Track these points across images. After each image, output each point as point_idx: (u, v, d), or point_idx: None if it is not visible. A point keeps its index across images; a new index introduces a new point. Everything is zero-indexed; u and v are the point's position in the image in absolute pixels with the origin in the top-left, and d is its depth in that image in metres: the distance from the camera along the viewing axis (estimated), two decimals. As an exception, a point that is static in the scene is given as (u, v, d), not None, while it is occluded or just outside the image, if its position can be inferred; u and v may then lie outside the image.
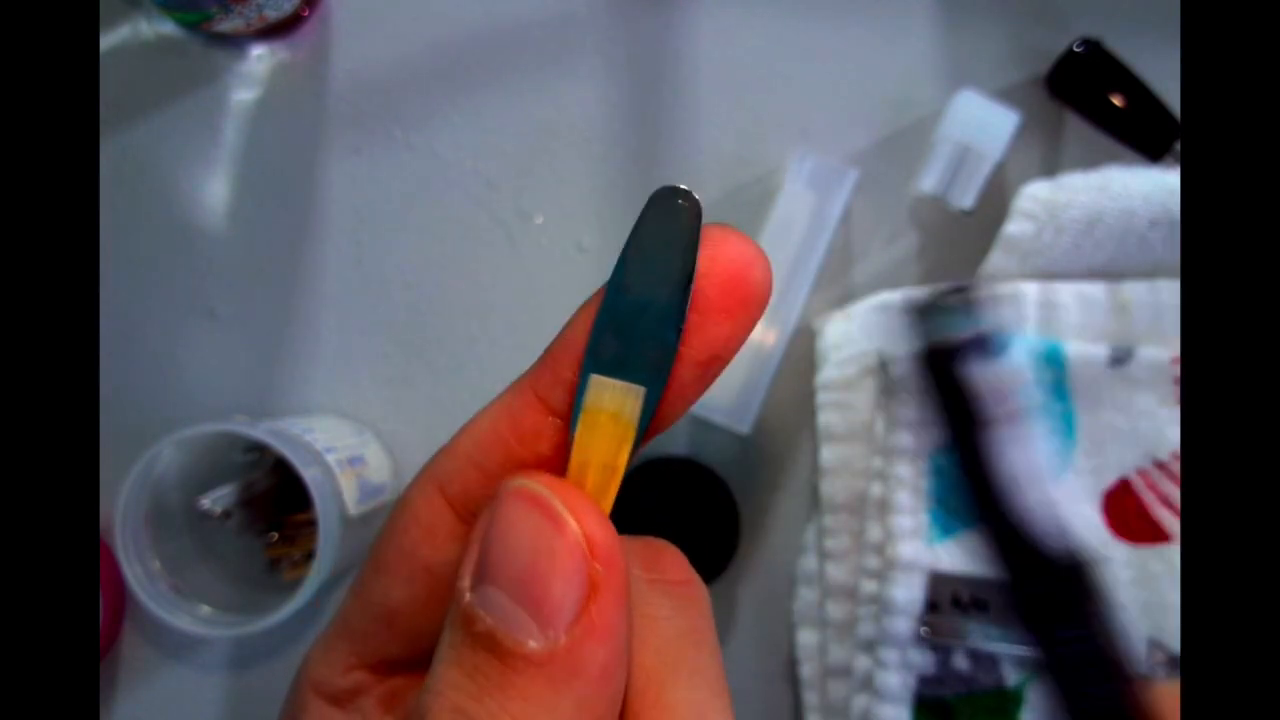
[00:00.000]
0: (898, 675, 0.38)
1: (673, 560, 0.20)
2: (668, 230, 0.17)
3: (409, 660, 0.19)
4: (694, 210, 0.17)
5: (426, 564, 0.18)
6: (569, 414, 0.17)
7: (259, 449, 0.44)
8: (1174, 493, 0.38)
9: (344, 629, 0.19)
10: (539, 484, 0.16)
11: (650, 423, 0.17)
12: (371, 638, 0.19)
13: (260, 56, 0.46)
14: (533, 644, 0.15)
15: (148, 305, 0.45)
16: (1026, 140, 0.44)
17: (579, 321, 0.18)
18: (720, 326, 0.17)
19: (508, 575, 0.16)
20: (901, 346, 0.39)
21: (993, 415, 0.21)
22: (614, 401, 0.17)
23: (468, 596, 0.16)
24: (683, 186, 0.17)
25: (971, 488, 0.18)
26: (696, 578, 0.20)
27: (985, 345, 0.22)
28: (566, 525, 0.16)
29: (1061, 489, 0.38)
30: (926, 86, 0.45)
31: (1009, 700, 0.37)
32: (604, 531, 0.16)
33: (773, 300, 0.42)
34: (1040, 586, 0.18)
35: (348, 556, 0.42)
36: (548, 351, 0.18)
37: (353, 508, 0.40)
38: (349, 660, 0.19)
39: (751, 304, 0.17)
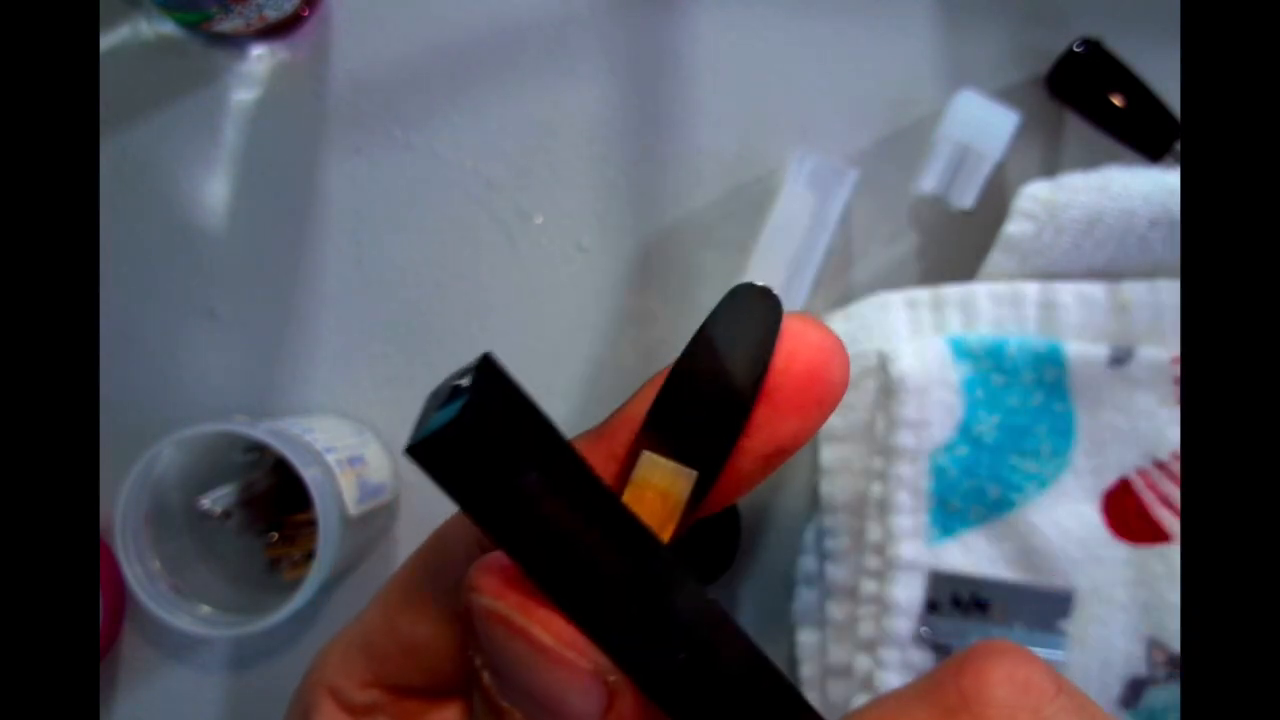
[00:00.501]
0: (898, 675, 0.38)
1: None
2: (744, 328, 0.16)
3: (427, 689, 0.19)
4: (775, 313, 0.16)
5: (457, 611, 0.18)
6: (619, 489, 0.17)
7: (259, 449, 0.44)
8: (1174, 493, 0.38)
9: (365, 645, 0.19)
10: (514, 610, 0.15)
11: (700, 505, 0.17)
12: (392, 663, 0.19)
13: (260, 56, 0.46)
14: None
15: (148, 305, 0.45)
16: (1026, 140, 0.44)
17: (640, 399, 0.17)
18: (789, 422, 0.16)
19: (520, 688, 0.15)
20: None
21: None
22: (663, 480, 0.16)
23: (486, 679, 0.16)
24: (765, 285, 0.16)
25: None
26: None
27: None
28: (563, 658, 0.15)
29: (1061, 489, 0.38)
30: (926, 86, 0.45)
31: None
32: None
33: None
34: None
35: (348, 556, 0.42)
36: (605, 424, 0.18)
37: (353, 508, 0.40)
38: (365, 676, 0.19)
39: (825, 403, 0.17)
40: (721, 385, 0.16)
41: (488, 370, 0.14)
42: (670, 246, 0.45)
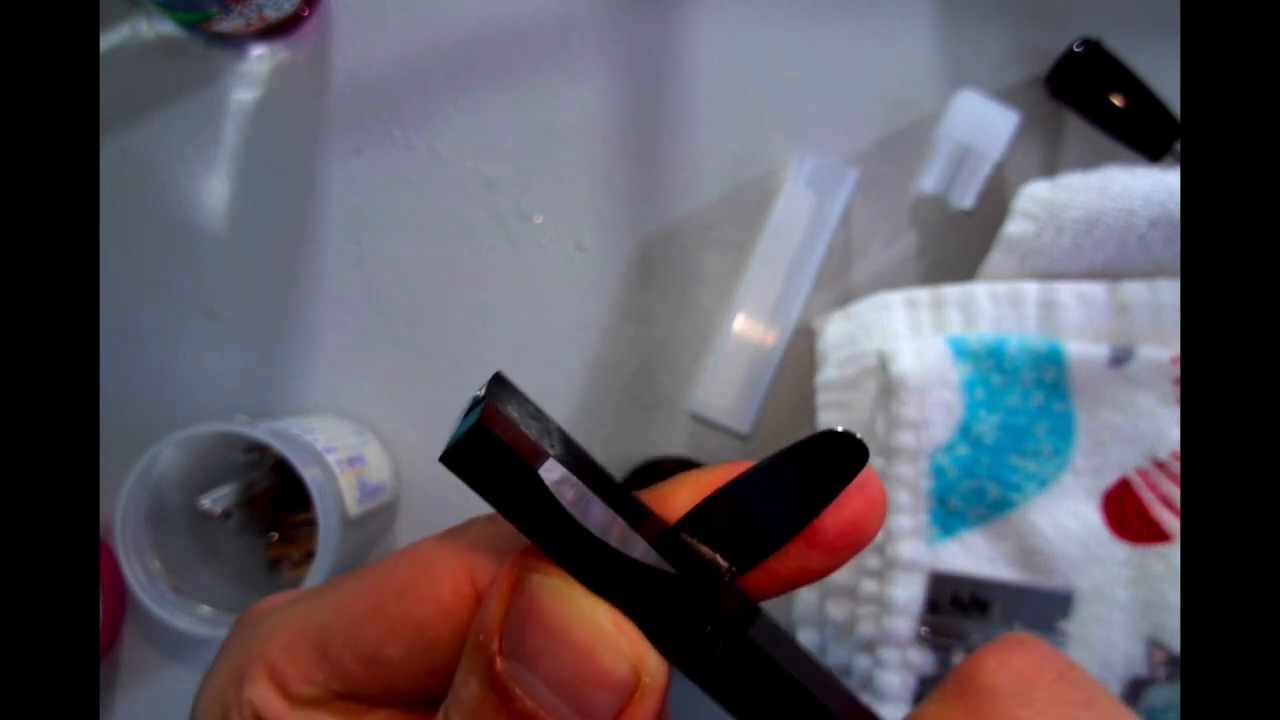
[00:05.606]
0: (898, 675, 0.38)
1: None
2: (825, 474, 0.17)
3: (374, 698, 0.18)
4: (858, 467, 0.17)
5: (433, 640, 0.17)
6: None
7: (259, 449, 0.44)
8: (1174, 493, 0.38)
9: (318, 642, 0.18)
10: (575, 591, 0.16)
11: None
12: (345, 670, 0.18)
13: (260, 56, 0.46)
14: None
15: (148, 305, 0.45)
16: (1026, 140, 0.44)
17: (681, 488, 0.18)
18: (822, 560, 0.17)
19: (549, 672, 0.16)
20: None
21: None
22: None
23: (500, 664, 0.16)
24: (860, 438, 0.17)
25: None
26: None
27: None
28: (619, 646, 0.16)
29: (1061, 489, 0.38)
30: (926, 86, 0.45)
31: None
32: (652, 650, 0.16)
33: (772, 300, 0.42)
34: None
35: (347, 556, 0.42)
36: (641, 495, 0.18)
37: (353, 508, 0.40)
38: (312, 673, 0.18)
39: (857, 548, 0.17)
40: (771, 509, 0.17)
41: (498, 382, 0.16)
42: (670, 246, 0.45)
